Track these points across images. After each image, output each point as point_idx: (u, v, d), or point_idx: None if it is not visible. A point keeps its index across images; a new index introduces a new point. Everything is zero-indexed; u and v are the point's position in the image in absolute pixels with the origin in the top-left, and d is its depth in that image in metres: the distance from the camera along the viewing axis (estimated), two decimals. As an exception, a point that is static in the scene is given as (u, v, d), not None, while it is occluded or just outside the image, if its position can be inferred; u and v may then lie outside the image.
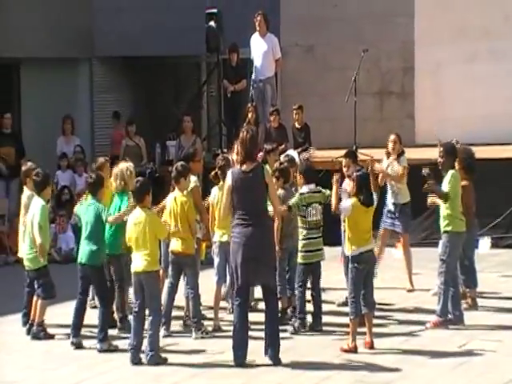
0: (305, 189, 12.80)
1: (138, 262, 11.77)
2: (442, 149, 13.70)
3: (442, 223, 13.24)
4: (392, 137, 15.41)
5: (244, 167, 11.52)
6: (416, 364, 11.11)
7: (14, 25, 24.00)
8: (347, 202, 12.14)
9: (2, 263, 19.26)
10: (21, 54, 24.18)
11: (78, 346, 12.38)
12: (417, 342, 12.16)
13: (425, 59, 21.73)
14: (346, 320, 12.33)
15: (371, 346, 11.90)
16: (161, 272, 12.91)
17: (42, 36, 24.57)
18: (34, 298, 13.25)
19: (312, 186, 12.84)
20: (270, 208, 12.25)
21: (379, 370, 11.08)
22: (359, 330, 11.93)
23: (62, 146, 22.56)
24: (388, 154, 14.97)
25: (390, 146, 15.07)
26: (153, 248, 11.89)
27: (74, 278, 13.18)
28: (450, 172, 13.30)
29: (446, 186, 13.06)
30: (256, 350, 11.55)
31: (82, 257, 12.61)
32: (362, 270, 12.06)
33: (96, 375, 11.32)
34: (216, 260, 13.80)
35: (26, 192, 13.84)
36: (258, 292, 12.93)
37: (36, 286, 13.12)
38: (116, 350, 12.27)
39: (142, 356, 11.44)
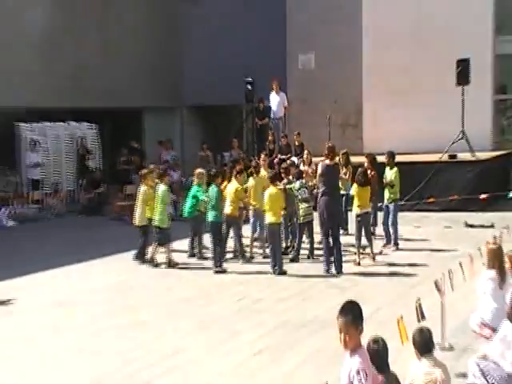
0: (297, 182, 14.12)
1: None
2: (387, 155, 15.30)
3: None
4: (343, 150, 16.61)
5: (329, 162, 13.24)
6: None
7: (138, 83, 25.69)
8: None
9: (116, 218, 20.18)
10: (143, 104, 26.32)
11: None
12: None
13: (367, 107, 23.23)
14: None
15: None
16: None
17: (151, 91, 26.32)
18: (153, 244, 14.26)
19: (300, 180, 14.18)
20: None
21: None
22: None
23: (164, 156, 24.58)
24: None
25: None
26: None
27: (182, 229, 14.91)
28: (395, 168, 15.05)
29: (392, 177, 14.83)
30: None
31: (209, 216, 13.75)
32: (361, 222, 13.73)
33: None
34: (251, 220, 15.02)
35: (143, 185, 14.57)
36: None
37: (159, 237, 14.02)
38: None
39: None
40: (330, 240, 13.24)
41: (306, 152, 18.19)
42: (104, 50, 24.98)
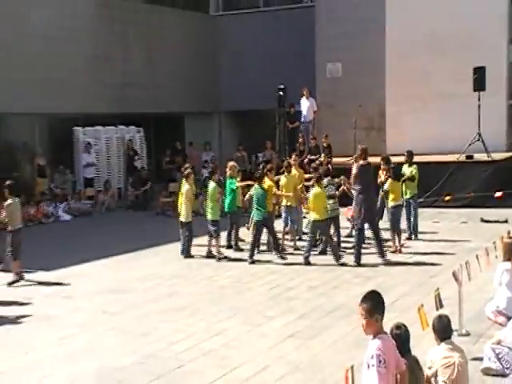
0: (324, 179, 13.93)
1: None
2: (407, 154, 15.28)
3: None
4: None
5: (363, 162, 13.05)
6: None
7: (179, 91, 25.96)
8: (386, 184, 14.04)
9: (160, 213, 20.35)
10: (184, 110, 26.50)
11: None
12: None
13: (390, 111, 22.50)
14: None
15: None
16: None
17: (192, 98, 26.55)
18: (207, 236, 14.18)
19: (328, 178, 14.08)
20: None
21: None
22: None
23: (204, 157, 24.90)
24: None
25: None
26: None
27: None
28: (414, 165, 14.99)
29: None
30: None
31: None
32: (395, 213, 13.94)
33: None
34: (283, 215, 14.93)
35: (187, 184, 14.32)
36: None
37: (214, 229, 13.87)
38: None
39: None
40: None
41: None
42: (149, 62, 25.23)
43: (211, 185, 14.25)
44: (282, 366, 7.88)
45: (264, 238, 14.64)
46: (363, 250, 13.34)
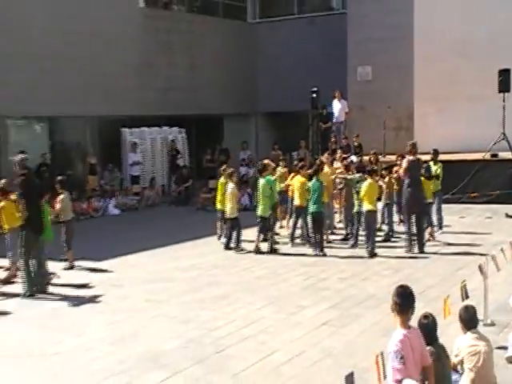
0: (356, 175, 14.12)
1: None
2: (433, 152, 15.01)
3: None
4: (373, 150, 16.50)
5: (412, 157, 12.99)
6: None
7: (219, 94, 25.99)
8: None
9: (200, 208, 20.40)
10: (223, 111, 26.59)
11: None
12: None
13: (418, 112, 22.34)
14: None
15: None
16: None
17: (230, 101, 26.64)
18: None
19: (360, 174, 14.01)
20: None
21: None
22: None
23: (241, 155, 25.24)
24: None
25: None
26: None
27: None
28: (439, 164, 14.81)
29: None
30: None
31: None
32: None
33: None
34: None
35: (231, 182, 14.28)
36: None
37: (260, 226, 13.72)
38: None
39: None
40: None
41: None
42: (190, 68, 25.39)
43: (261, 181, 13.94)
44: (315, 352, 7.86)
45: (298, 232, 14.67)
46: (390, 243, 13.45)
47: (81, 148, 22.07)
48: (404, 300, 4.92)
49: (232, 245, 14.16)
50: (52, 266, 12.01)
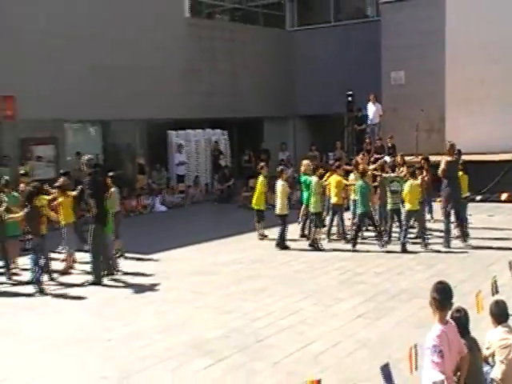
0: (392, 174, 13.83)
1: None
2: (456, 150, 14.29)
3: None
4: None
5: (450, 158, 12.96)
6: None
7: (259, 98, 26.17)
8: None
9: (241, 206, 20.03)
10: (263, 114, 26.74)
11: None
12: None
13: (449, 115, 21.90)
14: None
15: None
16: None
17: (270, 104, 26.65)
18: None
19: (394, 174, 13.85)
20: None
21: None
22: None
23: (280, 156, 24.76)
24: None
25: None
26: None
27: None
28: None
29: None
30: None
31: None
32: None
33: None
34: (351, 208, 14.76)
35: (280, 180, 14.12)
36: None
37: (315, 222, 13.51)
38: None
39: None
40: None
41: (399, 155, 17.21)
42: (232, 73, 25.38)
43: (313, 179, 13.71)
44: (351, 343, 7.83)
45: (334, 228, 14.60)
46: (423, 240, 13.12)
47: (131, 149, 22.29)
48: (443, 296, 4.82)
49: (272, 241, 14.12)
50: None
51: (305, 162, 14.77)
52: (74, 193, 12.47)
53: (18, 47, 17.93)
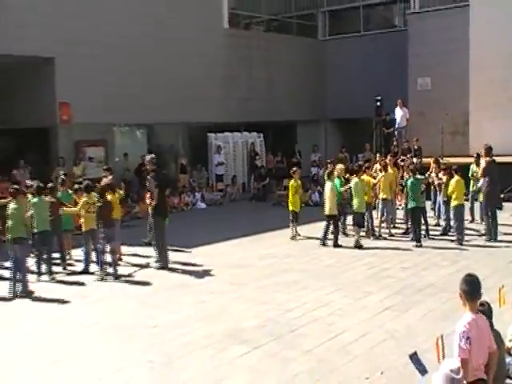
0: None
1: None
2: (475, 156, 14.97)
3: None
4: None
5: (489, 159, 12.93)
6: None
7: (293, 103, 26.14)
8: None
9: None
10: (296, 118, 26.70)
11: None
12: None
13: (473, 118, 21.85)
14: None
15: None
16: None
17: (302, 109, 26.69)
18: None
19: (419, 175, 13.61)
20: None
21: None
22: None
23: (312, 157, 24.61)
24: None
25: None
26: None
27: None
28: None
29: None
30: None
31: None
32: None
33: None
34: (380, 206, 14.43)
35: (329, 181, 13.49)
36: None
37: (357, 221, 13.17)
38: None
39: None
40: None
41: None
42: (268, 80, 25.46)
43: (354, 180, 13.37)
44: (379, 334, 7.74)
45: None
46: (447, 237, 13.09)
47: (173, 150, 22.34)
48: (472, 287, 4.78)
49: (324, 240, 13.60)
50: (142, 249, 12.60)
51: (339, 166, 14.46)
52: (121, 191, 12.59)
53: (73, 59, 18.37)
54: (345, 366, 6.79)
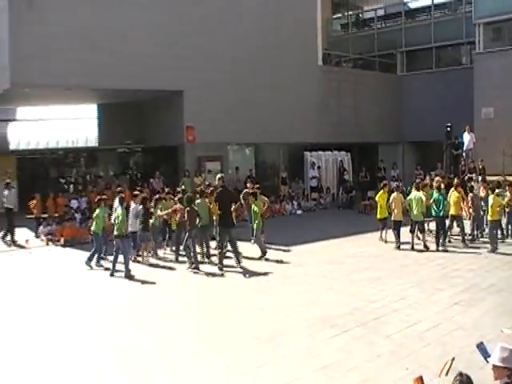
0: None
1: None
2: None
3: None
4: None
5: None
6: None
7: (375, 127, 25.01)
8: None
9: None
10: (378, 140, 25.93)
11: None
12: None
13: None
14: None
15: None
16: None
17: (383, 132, 25.83)
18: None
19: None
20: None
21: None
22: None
23: (392, 173, 23.20)
24: None
25: None
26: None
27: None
28: None
29: None
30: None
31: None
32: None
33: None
34: (447, 222, 13.34)
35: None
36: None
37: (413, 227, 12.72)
38: None
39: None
40: None
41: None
42: (354, 107, 24.91)
43: (416, 193, 12.87)
44: (449, 325, 7.56)
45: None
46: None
47: (275, 165, 22.39)
48: None
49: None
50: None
51: (437, 178, 13.79)
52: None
53: (198, 91, 18.87)
54: (420, 350, 6.68)
